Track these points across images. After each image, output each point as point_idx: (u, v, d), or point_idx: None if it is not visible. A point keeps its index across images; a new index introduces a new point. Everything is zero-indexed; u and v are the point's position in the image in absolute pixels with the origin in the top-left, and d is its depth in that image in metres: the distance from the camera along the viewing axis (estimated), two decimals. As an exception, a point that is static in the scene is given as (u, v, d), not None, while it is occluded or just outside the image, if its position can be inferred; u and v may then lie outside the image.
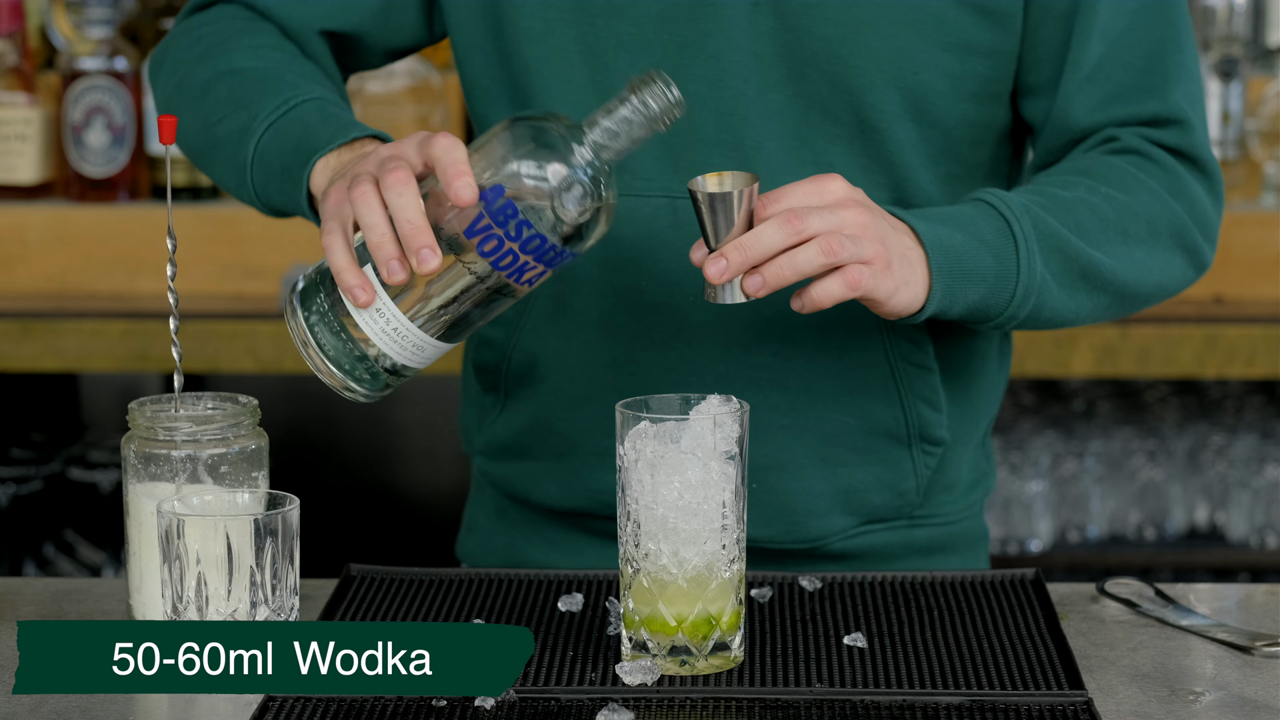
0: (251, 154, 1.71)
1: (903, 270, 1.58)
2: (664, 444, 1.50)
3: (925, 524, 1.84)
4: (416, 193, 1.48)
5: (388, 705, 1.45)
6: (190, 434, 1.60)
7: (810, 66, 1.71)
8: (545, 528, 1.86)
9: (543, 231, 1.50)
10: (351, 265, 1.50)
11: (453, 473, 3.63)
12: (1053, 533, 3.24)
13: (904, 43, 1.70)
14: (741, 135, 1.72)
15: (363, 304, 1.50)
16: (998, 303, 1.65)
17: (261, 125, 1.70)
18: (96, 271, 3.03)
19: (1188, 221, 1.74)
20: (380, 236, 1.48)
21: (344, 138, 1.65)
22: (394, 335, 1.53)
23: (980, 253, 1.63)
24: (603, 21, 1.72)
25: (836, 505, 1.80)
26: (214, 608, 1.52)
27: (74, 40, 3.15)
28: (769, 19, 1.70)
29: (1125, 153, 1.74)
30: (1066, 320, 1.70)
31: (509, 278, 1.52)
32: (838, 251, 1.53)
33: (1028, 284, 1.65)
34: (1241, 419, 3.26)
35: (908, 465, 1.80)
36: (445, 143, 1.49)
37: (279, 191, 1.70)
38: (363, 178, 1.51)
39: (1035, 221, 1.65)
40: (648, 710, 1.46)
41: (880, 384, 1.77)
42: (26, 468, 3.30)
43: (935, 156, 1.75)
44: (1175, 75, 1.75)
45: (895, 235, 1.58)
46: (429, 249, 1.46)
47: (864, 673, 1.52)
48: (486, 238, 1.49)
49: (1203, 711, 1.48)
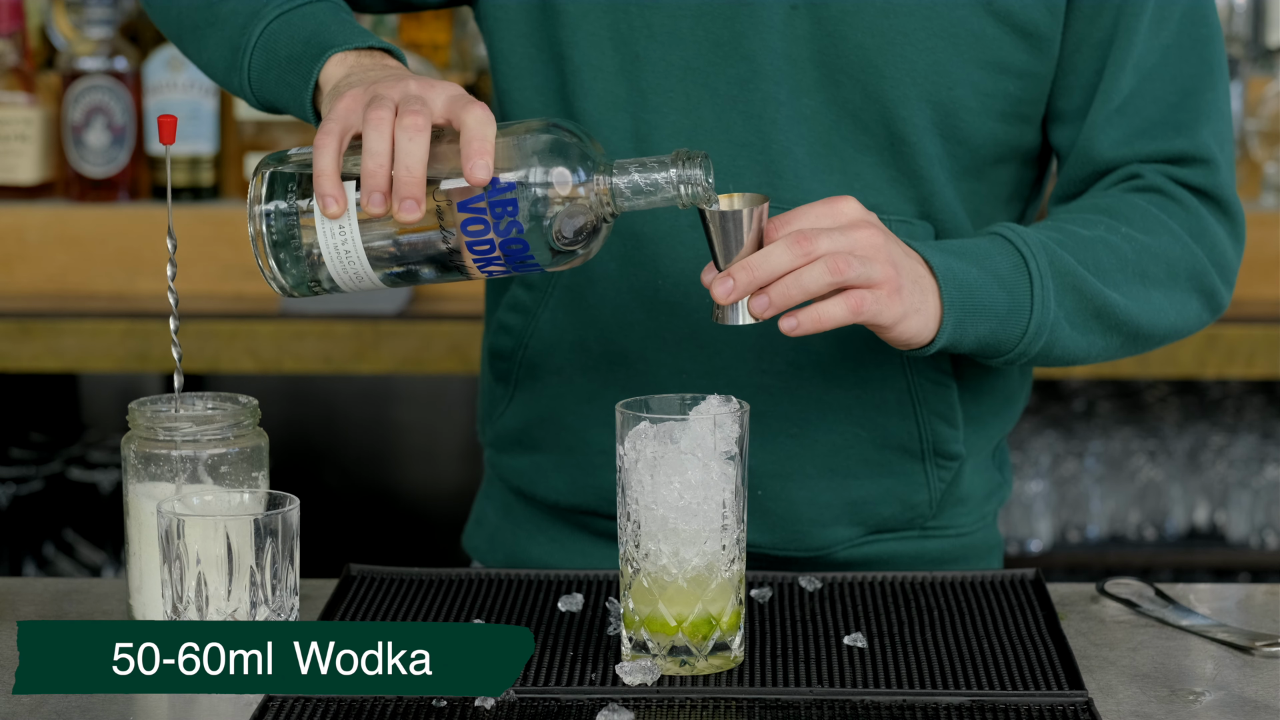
0: (255, 39, 1.67)
1: (913, 297, 1.55)
2: (664, 444, 1.50)
3: (937, 535, 1.83)
4: (427, 143, 1.47)
5: (388, 705, 1.45)
6: (190, 434, 1.60)
7: (844, 74, 1.70)
8: (550, 526, 1.86)
9: (527, 239, 1.50)
10: (334, 173, 1.49)
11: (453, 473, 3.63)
12: (1053, 533, 3.24)
13: (940, 57, 1.69)
14: (770, 139, 1.71)
15: (330, 215, 1.49)
16: (1008, 339, 1.63)
17: (273, 12, 1.67)
18: (96, 271, 3.03)
19: (1207, 265, 1.72)
20: (376, 166, 1.47)
21: (362, 42, 1.62)
22: (343, 256, 1.52)
23: (994, 288, 1.61)
24: (636, 11, 1.71)
25: (843, 516, 1.79)
26: (214, 608, 1.52)
27: (74, 40, 3.15)
28: (806, 23, 1.69)
29: (1148, 191, 1.72)
30: (1077, 359, 1.69)
31: (473, 262, 1.52)
32: (844, 270, 1.50)
33: (1040, 322, 1.63)
34: (1241, 419, 3.26)
35: (920, 479, 1.79)
36: (481, 115, 1.47)
37: (279, 81, 1.66)
38: (384, 101, 1.49)
39: (1052, 259, 1.63)
40: (648, 710, 1.46)
41: (896, 399, 1.76)
42: (26, 468, 3.30)
43: (959, 173, 1.74)
44: (1205, 113, 1.73)
45: (908, 261, 1.56)
46: (414, 200, 1.46)
47: (864, 673, 1.52)
48: (475, 219, 1.49)
49: (1203, 711, 1.48)
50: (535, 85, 1.76)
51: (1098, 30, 1.71)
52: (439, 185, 1.49)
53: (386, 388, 3.62)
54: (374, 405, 3.62)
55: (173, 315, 1.63)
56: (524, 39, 1.76)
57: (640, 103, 1.71)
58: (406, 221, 1.47)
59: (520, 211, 1.49)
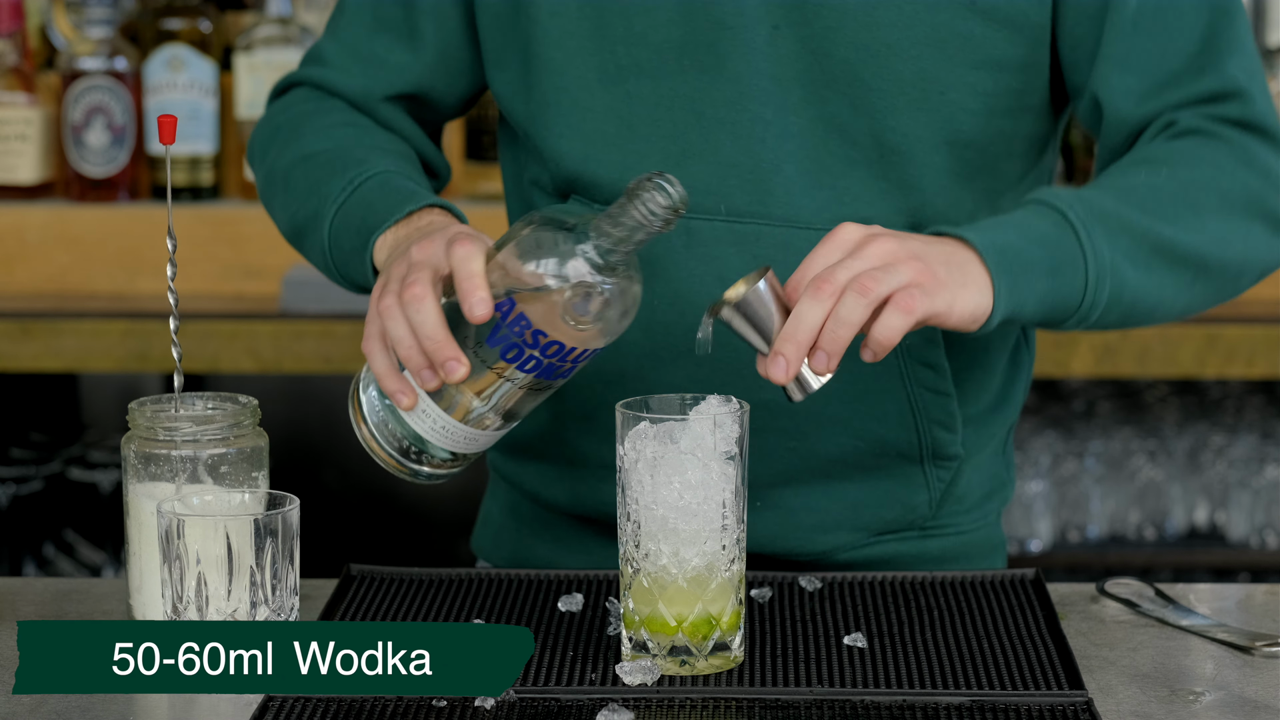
0: (327, 240, 1.74)
1: (953, 276, 1.53)
2: (664, 444, 1.50)
3: (938, 534, 1.82)
4: (434, 306, 1.53)
5: (388, 705, 1.45)
6: (190, 434, 1.60)
7: (831, 90, 1.69)
8: (555, 525, 1.86)
9: (560, 339, 1.52)
10: (390, 371, 1.56)
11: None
12: (1053, 533, 3.24)
13: (927, 64, 1.68)
14: (759, 158, 1.70)
15: (405, 407, 1.57)
16: (1071, 292, 1.59)
17: (331, 210, 1.73)
18: (96, 271, 3.03)
19: (1264, 189, 1.68)
20: (407, 350, 1.54)
21: (399, 214, 1.67)
22: (442, 432, 1.58)
23: (1038, 246, 1.58)
24: (623, 49, 1.71)
25: (844, 521, 1.78)
26: (214, 608, 1.52)
27: (74, 40, 3.15)
28: (790, 42, 1.69)
29: (1186, 134, 1.69)
30: (1155, 304, 1.64)
31: (539, 378, 1.55)
32: (872, 288, 1.49)
33: (1099, 267, 1.59)
34: (1241, 419, 3.26)
35: (920, 480, 1.78)
36: (462, 252, 1.52)
37: (357, 273, 1.73)
38: (389, 288, 1.56)
39: (1090, 207, 1.60)
40: (648, 710, 1.46)
41: (895, 409, 1.75)
42: (26, 468, 3.30)
43: (970, 174, 1.72)
44: (1227, 49, 1.70)
45: (933, 247, 1.54)
46: (454, 360, 1.53)
47: (864, 673, 1.52)
48: (508, 346, 1.53)
49: (1203, 711, 1.48)
50: (526, 128, 1.77)
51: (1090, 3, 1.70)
52: (470, 331, 1.53)
53: (386, 388, 3.61)
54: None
55: (173, 315, 1.63)
56: (519, 95, 1.77)
57: (629, 136, 1.72)
58: (457, 380, 1.53)
59: (533, 320, 1.51)
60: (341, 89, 1.82)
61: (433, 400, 1.57)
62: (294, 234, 1.79)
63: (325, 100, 1.83)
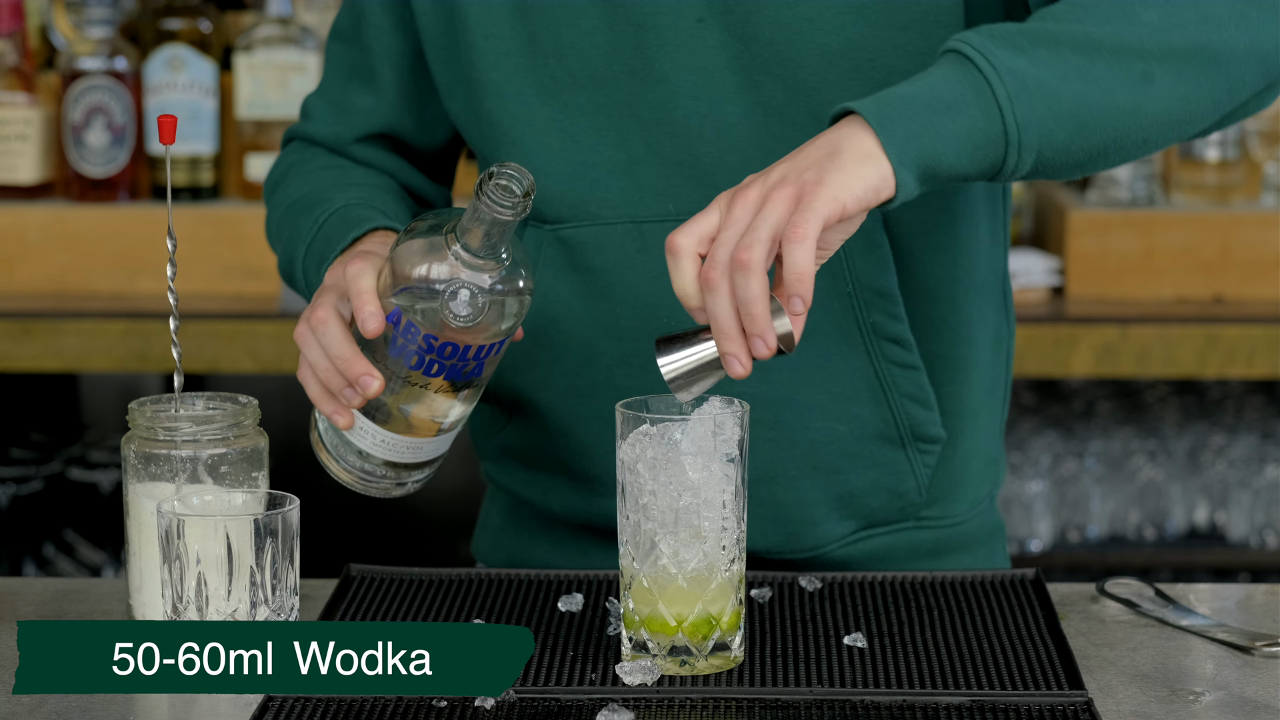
0: (302, 281, 1.80)
1: (829, 167, 1.45)
2: (664, 444, 1.50)
3: (931, 526, 1.82)
4: (338, 327, 1.59)
5: (388, 705, 1.45)
6: (190, 434, 1.60)
7: (762, 74, 1.69)
8: (553, 528, 1.86)
9: (451, 340, 1.54)
10: (323, 395, 1.62)
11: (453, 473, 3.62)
12: (1053, 533, 3.24)
13: (853, 33, 1.66)
14: (700, 154, 1.70)
15: (343, 428, 1.61)
16: (988, 123, 1.47)
17: (301, 251, 1.78)
18: (96, 271, 3.03)
19: None
20: (325, 373, 1.60)
21: (344, 242, 1.71)
22: (385, 446, 1.62)
23: (927, 88, 1.47)
24: (555, 62, 1.72)
25: (833, 512, 1.78)
26: (214, 608, 1.52)
27: (74, 40, 3.15)
28: (716, 32, 1.69)
29: None
30: (1109, 107, 1.49)
31: (448, 379, 1.57)
32: (748, 255, 1.43)
33: (1011, 85, 1.46)
34: (1241, 419, 3.27)
35: (905, 466, 1.78)
36: (353, 270, 1.58)
37: None
38: (303, 316, 1.62)
39: (986, 34, 1.49)
40: (648, 710, 1.46)
41: (866, 387, 1.75)
42: (26, 468, 3.30)
43: None
44: None
45: (804, 152, 1.46)
46: (366, 375, 1.57)
47: (864, 673, 1.52)
48: (408, 354, 1.56)
49: (1203, 711, 1.48)
50: (477, 146, 1.80)
51: None
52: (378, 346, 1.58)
53: (386, 388, 3.61)
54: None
55: (173, 315, 1.64)
56: (469, 122, 1.79)
57: (573, 146, 1.73)
58: (374, 394, 1.57)
59: (421, 325, 1.54)
60: (318, 137, 1.89)
61: (366, 418, 1.60)
62: (288, 279, 1.85)
63: (308, 149, 1.90)
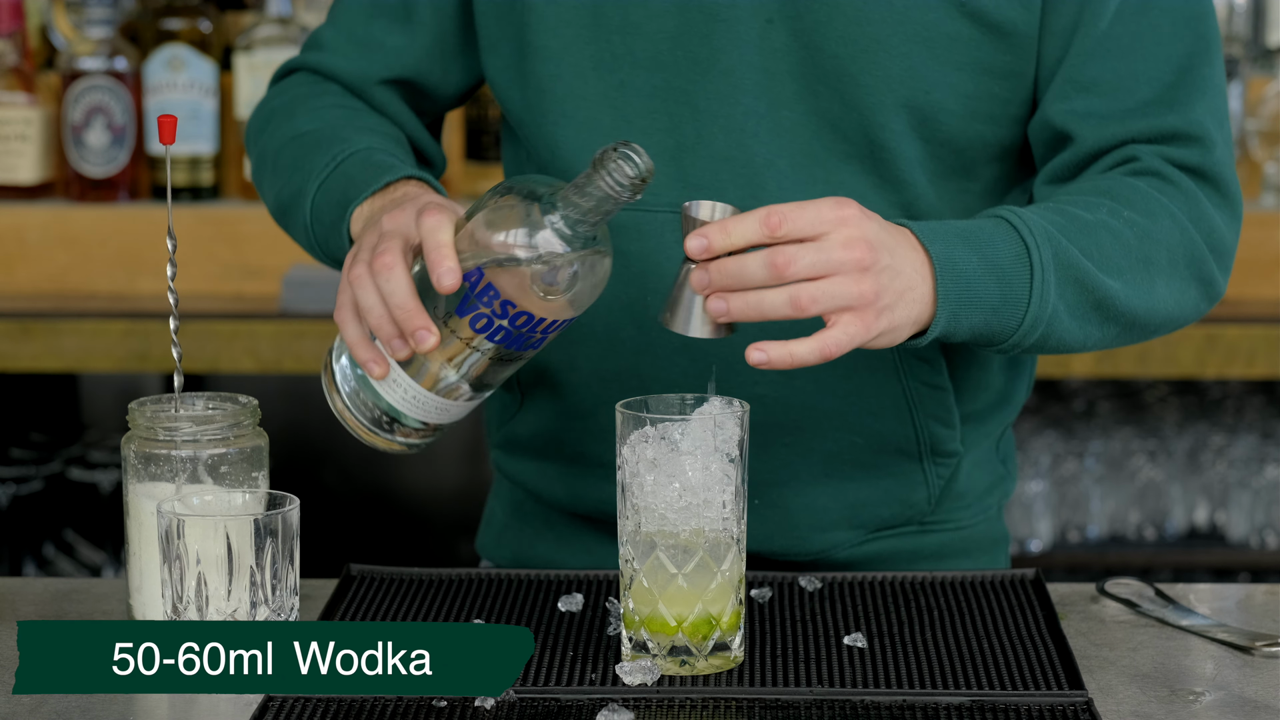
0: (309, 215, 1.75)
1: (894, 315, 1.52)
2: (664, 445, 1.50)
3: (936, 530, 1.82)
4: (404, 274, 1.53)
5: (388, 705, 1.45)
6: (190, 434, 1.60)
7: (822, 84, 1.69)
8: (557, 524, 1.86)
9: (528, 309, 1.51)
10: (362, 340, 1.57)
11: (453, 473, 3.62)
12: (1053, 533, 3.24)
13: (915, 61, 1.68)
14: (752, 152, 1.70)
15: (377, 377, 1.57)
16: (1004, 329, 1.59)
17: (314, 185, 1.74)
18: (96, 271, 3.03)
19: (1205, 252, 1.69)
20: (378, 319, 1.55)
21: (375, 185, 1.68)
22: (413, 402, 1.58)
23: (991, 280, 1.57)
24: (618, 39, 1.71)
25: (842, 520, 1.78)
26: (214, 608, 1.52)
27: (74, 40, 3.15)
28: (783, 36, 1.69)
29: (1146, 174, 1.68)
30: (1072, 348, 1.65)
31: (508, 348, 1.55)
32: (807, 308, 1.48)
33: (1038, 314, 1.59)
34: (1241, 419, 3.26)
35: (919, 477, 1.78)
36: (431, 222, 1.52)
37: (336, 247, 1.73)
38: (359, 257, 1.57)
39: (1056, 250, 1.60)
40: (648, 710, 1.46)
41: (892, 404, 1.75)
42: (26, 468, 3.30)
43: (944, 173, 1.72)
44: (1199, 90, 1.69)
45: (898, 273, 1.52)
46: (424, 330, 1.53)
47: (864, 673, 1.52)
48: (476, 316, 1.53)
49: (1203, 711, 1.48)
50: (519, 117, 1.78)
51: (1061, 18, 1.68)
52: (440, 305, 1.54)
53: (386, 388, 3.61)
54: (374, 405, 3.62)
55: (173, 315, 1.63)
56: (515, 84, 1.77)
57: (624, 127, 1.72)
58: (428, 349, 1.53)
59: (502, 290, 1.51)
60: (337, 72, 1.84)
61: (403, 370, 1.57)
62: (279, 211, 1.80)
63: (321, 84, 1.85)
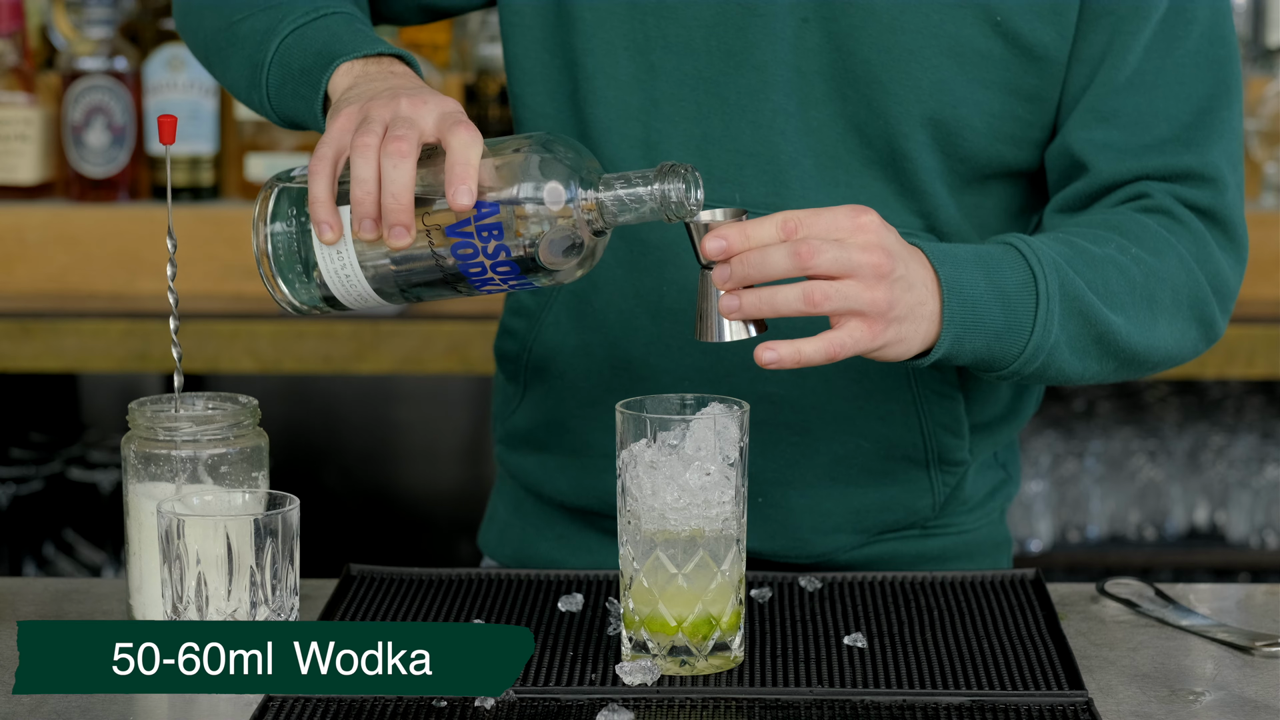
0: (271, 54, 1.68)
1: (903, 328, 1.52)
2: (664, 446, 1.50)
3: (939, 534, 1.82)
4: (412, 169, 1.47)
5: (388, 705, 1.45)
6: (190, 434, 1.60)
7: (851, 88, 1.69)
8: (558, 523, 1.86)
9: (516, 260, 1.49)
10: (327, 200, 1.49)
11: (453, 473, 3.63)
12: (1053, 533, 3.24)
13: (944, 75, 1.67)
14: (778, 149, 1.70)
15: (326, 241, 1.50)
16: (1006, 355, 1.59)
17: (288, 28, 1.67)
18: (96, 271, 3.03)
19: (1209, 293, 1.69)
20: (364, 194, 1.48)
21: (370, 49, 1.62)
22: (344, 280, 1.53)
23: (996, 305, 1.57)
24: (653, 21, 1.71)
25: (845, 524, 1.78)
26: (214, 608, 1.52)
27: (74, 40, 3.15)
28: (817, 36, 1.69)
29: (1156, 212, 1.68)
30: (1069, 380, 1.64)
31: (470, 282, 1.52)
32: (821, 304, 1.47)
33: (1040, 343, 1.59)
34: (1241, 419, 3.27)
35: (925, 484, 1.78)
36: (465, 137, 1.47)
37: (294, 95, 1.67)
38: (371, 125, 1.49)
39: (1063, 280, 1.59)
40: (648, 710, 1.46)
41: (901, 410, 1.75)
42: (26, 468, 3.30)
43: (960, 187, 1.72)
44: (1217, 132, 1.69)
45: (911, 286, 1.52)
46: (403, 227, 1.47)
47: (864, 673, 1.52)
48: (464, 242, 1.49)
49: (1203, 711, 1.48)
50: (548, 91, 1.76)
51: (1091, 47, 1.68)
52: (431, 207, 1.49)
53: (386, 388, 3.62)
54: (374, 405, 3.62)
55: (173, 315, 1.63)
56: (539, 44, 1.75)
57: (652, 111, 1.72)
58: (398, 247, 1.48)
59: (506, 234, 1.49)
60: None
61: (351, 246, 1.52)
62: (221, 43, 1.73)
63: None
